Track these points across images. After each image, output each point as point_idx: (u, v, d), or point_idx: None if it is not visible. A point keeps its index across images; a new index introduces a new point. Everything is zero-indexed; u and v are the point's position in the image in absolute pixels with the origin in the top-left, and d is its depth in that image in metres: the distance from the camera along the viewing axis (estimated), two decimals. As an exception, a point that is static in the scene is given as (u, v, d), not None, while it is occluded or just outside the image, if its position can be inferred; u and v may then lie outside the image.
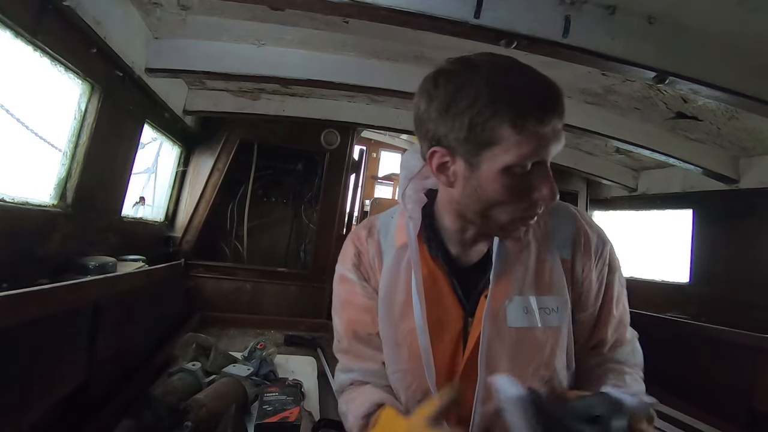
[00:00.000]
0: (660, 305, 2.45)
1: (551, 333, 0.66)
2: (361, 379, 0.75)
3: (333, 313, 0.79)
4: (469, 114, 0.55)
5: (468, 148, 0.57)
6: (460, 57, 0.60)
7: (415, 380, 0.68)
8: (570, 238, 0.69)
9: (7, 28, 1.04)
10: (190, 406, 1.12)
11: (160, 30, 1.63)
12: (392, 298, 0.71)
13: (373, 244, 0.76)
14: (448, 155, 0.59)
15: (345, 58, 1.78)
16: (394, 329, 0.70)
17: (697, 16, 1.16)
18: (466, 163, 0.59)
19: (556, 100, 0.56)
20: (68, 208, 1.39)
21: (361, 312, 0.75)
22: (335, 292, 0.79)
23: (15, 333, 0.84)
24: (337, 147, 2.63)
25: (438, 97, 0.58)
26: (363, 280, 0.75)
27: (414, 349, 0.67)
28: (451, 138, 0.57)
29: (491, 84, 0.54)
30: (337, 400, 0.79)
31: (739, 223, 2.20)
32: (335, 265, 0.80)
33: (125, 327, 1.42)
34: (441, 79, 0.58)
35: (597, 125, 1.97)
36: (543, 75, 0.57)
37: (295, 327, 2.32)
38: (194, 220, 2.44)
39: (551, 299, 0.67)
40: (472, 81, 0.55)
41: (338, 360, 0.79)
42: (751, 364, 1.68)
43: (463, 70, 0.57)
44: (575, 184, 3.20)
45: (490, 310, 0.65)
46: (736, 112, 1.68)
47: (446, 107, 0.57)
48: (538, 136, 0.55)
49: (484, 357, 0.64)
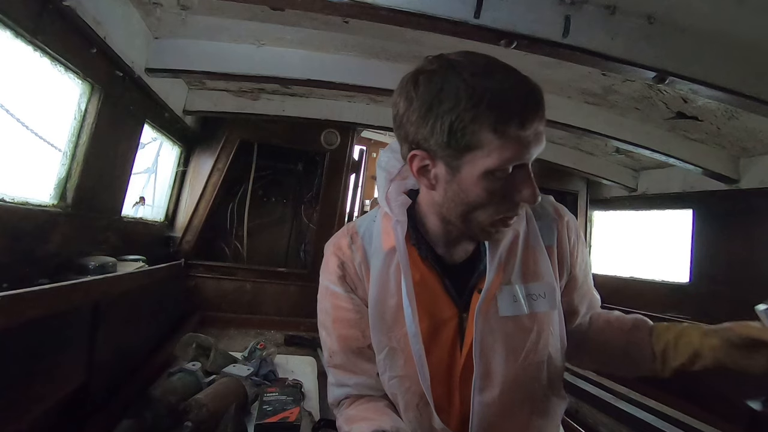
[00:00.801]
0: (660, 305, 2.45)
1: (540, 318, 0.68)
2: (356, 393, 0.73)
3: (320, 327, 0.76)
4: (449, 118, 0.54)
5: (448, 153, 0.57)
6: (439, 55, 0.59)
7: (413, 384, 0.68)
8: (552, 225, 0.73)
9: (7, 28, 1.04)
10: (190, 406, 1.12)
11: (160, 30, 1.63)
12: (384, 304, 0.69)
13: (358, 251, 0.73)
14: (428, 158, 0.59)
15: (345, 58, 1.78)
16: (388, 334, 0.69)
17: (697, 16, 1.16)
18: (446, 167, 0.58)
19: (538, 103, 0.55)
20: (68, 208, 1.39)
21: (351, 328, 0.72)
22: (322, 307, 0.75)
23: (15, 333, 0.84)
24: (337, 147, 2.63)
25: (418, 100, 0.57)
26: (350, 291, 0.73)
27: (409, 354, 0.67)
28: (432, 142, 0.57)
29: (471, 87, 0.54)
30: (335, 413, 0.77)
31: (739, 223, 2.20)
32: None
33: (125, 327, 1.42)
34: (421, 79, 0.57)
35: (597, 125, 1.97)
36: (523, 76, 0.57)
37: (295, 327, 2.32)
38: (194, 220, 2.44)
39: (538, 285, 0.69)
40: (452, 83, 0.55)
41: (329, 374, 0.77)
42: (751, 364, 1.68)
43: (443, 71, 0.56)
44: (575, 184, 3.20)
45: (483, 303, 0.65)
46: (736, 112, 1.68)
47: (426, 110, 0.56)
48: (520, 140, 0.55)
49: (479, 349, 0.65)
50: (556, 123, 1.92)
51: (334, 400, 0.76)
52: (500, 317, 0.66)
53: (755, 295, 0.67)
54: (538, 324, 0.68)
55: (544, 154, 2.31)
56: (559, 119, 1.91)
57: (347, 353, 0.73)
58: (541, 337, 0.68)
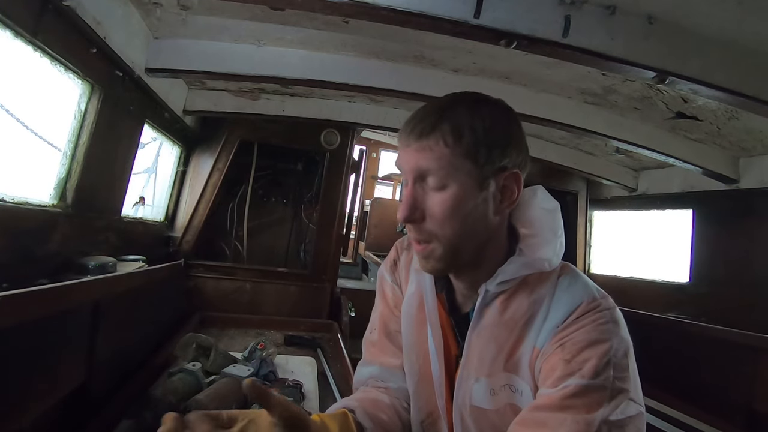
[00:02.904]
0: (660, 305, 2.45)
1: (512, 411, 0.62)
2: (378, 375, 0.80)
3: (374, 306, 0.88)
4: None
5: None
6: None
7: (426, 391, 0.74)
8: (553, 328, 0.60)
9: (7, 28, 1.04)
10: (191, 407, 1.12)
11: (160, 30, 1.63)
12: (409, 327, 0.76)
13: (407, 257, 0.82)
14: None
15: (345, 58, 1.78)
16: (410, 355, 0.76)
17: (697, 16, 1.16)
18: None
19: (410, 128, 0.62)
20: (68, 208, 1.39)
21: (392, 308, 0.82)
22: (377, 286, 0.88)
23: (15, 333, 0.84)
24: (337, 147, 2.63)
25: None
26: (395, 283, 0.84)
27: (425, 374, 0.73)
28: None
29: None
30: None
31: (739, 223, 2.20)
32: (336, 265, 0.87)
33: (125, 327, 1.42)
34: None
35: (597, 125, 1.96)
36: (436, 106, 0.63)
37: (295, 327, 2.32)
38: (194, 220, 2.44)
39: (518, 379, 0.63)
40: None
41: (363, 351, 0.85)
42: (751, 364, 1.69)
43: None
44: (575, 184, 3.20)
45: (459, 389, 0.67)
46: (736, 112, 1.68)
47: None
48: (398, 153, 0.64)
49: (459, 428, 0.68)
50: (556, 123, 1.92)
51: (357, 382, 0.83)
52: (473, 405, 0.66)
53: (755, 295, 0.67)
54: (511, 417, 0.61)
55: (545, 154, 2.31)
56: (559, 119, 1.91)
57: (384, 333, 0.82)
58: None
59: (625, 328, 0.59)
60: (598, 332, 0.56)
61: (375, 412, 0.70)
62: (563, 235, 0.67)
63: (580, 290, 0.61)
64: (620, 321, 0.59)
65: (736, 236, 2.20)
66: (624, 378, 0.54)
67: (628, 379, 0.54)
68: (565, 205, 3.26)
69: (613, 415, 0.51)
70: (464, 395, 0.66)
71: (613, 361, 0.54)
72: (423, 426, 0.73)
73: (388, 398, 0.76)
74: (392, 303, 0.82)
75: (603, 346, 0.54)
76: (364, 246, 4.37)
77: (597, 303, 0.59)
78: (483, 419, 0.65)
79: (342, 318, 2.43)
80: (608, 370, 0.53)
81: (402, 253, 0.83)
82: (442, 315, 0.71)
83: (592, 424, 0.50)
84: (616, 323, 0.58)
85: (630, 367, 0.55)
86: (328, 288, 2.55)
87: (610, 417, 0.51)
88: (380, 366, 0.80)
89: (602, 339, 0.55)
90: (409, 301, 0.76)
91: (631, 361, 0.56)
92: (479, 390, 0.65)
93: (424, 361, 0.72)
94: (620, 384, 0.53)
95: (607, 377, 0.52)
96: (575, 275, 0.65)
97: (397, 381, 0.78)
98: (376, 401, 0.74)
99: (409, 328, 0.76)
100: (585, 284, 0.63)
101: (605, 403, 0.51)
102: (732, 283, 2.14)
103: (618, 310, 0.60)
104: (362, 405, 0.70)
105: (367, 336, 0.85)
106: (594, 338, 0.55)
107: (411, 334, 0.75)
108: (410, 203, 0.60)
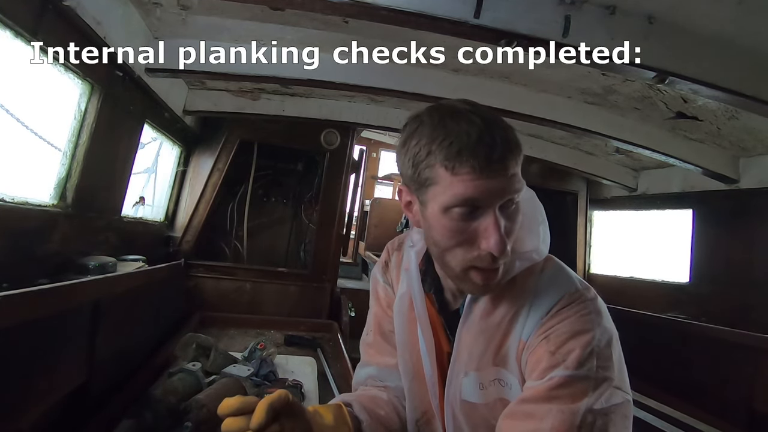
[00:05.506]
0: (660, 305, 2.46)
1: (501, 405, 0.62)
2: (376, 375, 0.80)
3: (370, 307, 0.88)
4: (413, 152, 0.57)
5: (416, 187, 0.59)
6: (437, 102, 0.61)
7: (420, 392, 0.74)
8: (538, 320, 0.60)
9: (7, 28, 1.04)
10: (191, 407, 1.12)
11: (160, 30, 1.63)
12: (401, 327, 0.76)
13: (397, 257, 0.81)
14: (409, 194, 0.62)
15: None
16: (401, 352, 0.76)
17: (697, 16, 1.16)
18: (419, 202, 0.60)
19: (494, 145, 0.53)
20: (68, 208, 1.39)
21: (385, 309, 0.82)
22: (370, 287, 0.87)
23: (15, 333, 0.84)
24: (337, 147, 2.63)
25: (401, 137, 0.62)
26: (387, 283, 0.83)
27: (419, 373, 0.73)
28: (406, 176, 0.60)
29: (435, 126, 0.56)
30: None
31: (739, 223, 2.20)
32: (336, 265, 0.86)
33: (125, 327, 1.42)
34: (408, 120, 0.62)
35: (597, 125, 1.97)
36: (495, 124, 0.54)
37: (295, 327, 2.32)
38: (194, 220, 2.44)
39: (507, 373, 0.63)
40: (426, 123, 0.57)
41: (361, 353, 0.85)
42: (751, 364, 1.69)
43: (427, 113, 0.59)
44: (575, 184, 3.20)
45: (450, 385, 0.67)
46: (736, 112, 1.68)
47: (401, 146, 0.60)
48: (473, 181, 0.53)
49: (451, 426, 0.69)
50: (556, 123, 1.92)
51: (356, 383, 0.84)
52: (463, 400, 0.66)
53: (755, 295, 0.67)
54: (500, 411, 0.62)
55: (545, 154, 2.31)
56: (559, 119, 1.91)
57: (379, 333, 0.82)
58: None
59: (609, 318, 0.59)
60: (581, 323, 0.56)
61: (372, 407, 0.72)
62: (546, 221, 0.67)
63: (563, 282, 0.62)
64: (603, 311, 0.59)
65: (736, 236, 2.20)
66: (608, 367, 0.55)
67: (612, 368, 0.55)
68: (565, 205, 3.26)
69: (597, 403, 0.52)
70: (455, 391, 0.67)
71: (596, 351, 0.55)
72: (418, 425, 0.74)
73: (386, 395, 0.77)
74: (385, 303, 0.82)
75: (586, 337, 0.55)
76: (364, 246, 4.38)
77: (579, 294, 0.60)
78: (474, 414, 0.65)
79: (342, 318, 2.43)
80: (592, 360, 0.54)
81: (393, 254, 0.83)
82: (432, 313, 0.71)
83: (577, 413, 0.51)
84: (598, 313, 0.58)
85: (614, 356, 0.56)
86: (328, 288, 2.55)
87: (595, 406, 0.52)
88: (377, 366, 0.80)
89: (585, 329, 0.56)
90: (401, 301, 0.76)
91: (615, 350, 0.57)
92: (468, 384, 0.65)
93: (417, 360, 0.72)
94: (604, 373, 0.54)
95: (590, 367, 0.54)
96: (558, 268, 0.65)
97: (395, 380, 0.78)
98: (374, 397, 0.75)
99: (401, 327, 0.76)
100: (568, 276, 0.63)
101: (590, 393, 0.52)
102: (732, 283, 2.14)
103: (600, 301, 0.61)
104: (359, 400, 0.72)
105: (364, 338, 0.86)
106: (577, 329, 0.56)
107: (403, 333, 0.75)
108: (506, 232, 0.55)
